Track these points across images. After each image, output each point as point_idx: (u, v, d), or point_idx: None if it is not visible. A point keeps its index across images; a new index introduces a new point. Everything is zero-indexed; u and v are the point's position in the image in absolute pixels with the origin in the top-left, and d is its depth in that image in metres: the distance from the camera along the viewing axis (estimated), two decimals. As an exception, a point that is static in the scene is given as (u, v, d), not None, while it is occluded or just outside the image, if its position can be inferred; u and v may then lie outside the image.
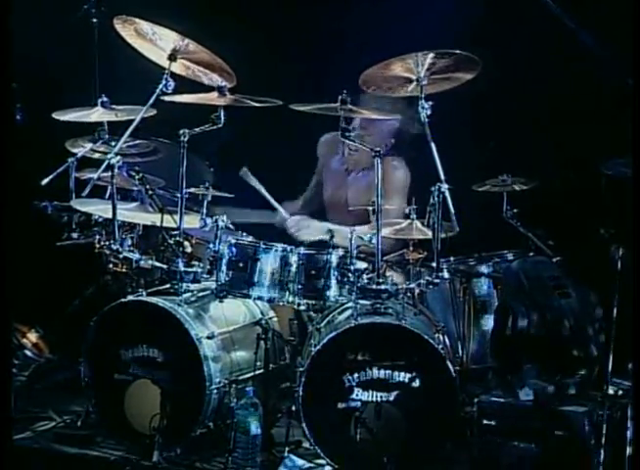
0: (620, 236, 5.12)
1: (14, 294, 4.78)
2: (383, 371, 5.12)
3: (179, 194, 5.38)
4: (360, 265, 5.32)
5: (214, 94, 5.42)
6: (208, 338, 5.28)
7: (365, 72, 5.30)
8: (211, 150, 6.40)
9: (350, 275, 5.27)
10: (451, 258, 5.84)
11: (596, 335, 5.26)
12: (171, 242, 5.40)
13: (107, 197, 5.60)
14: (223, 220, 5.40)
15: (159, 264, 5.48)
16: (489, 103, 6.35)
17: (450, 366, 5.12)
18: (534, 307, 5.26)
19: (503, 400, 5.18)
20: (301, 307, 5.43)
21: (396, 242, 5.73)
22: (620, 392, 5.02)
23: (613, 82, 5.79)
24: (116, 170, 5.28)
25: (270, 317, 5.68)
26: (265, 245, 5.39)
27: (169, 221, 5.42)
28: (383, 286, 5.23)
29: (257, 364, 5.41)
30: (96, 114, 5.67)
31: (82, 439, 5.47)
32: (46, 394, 6.13)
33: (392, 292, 5.26)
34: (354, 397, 5.12)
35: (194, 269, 5.42)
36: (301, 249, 5.38)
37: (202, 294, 5.54)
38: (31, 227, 6.13)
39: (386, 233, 5.39)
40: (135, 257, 5.43)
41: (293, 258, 5.34)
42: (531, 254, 5.82)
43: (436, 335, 5.39)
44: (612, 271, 5.12)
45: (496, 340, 5.45)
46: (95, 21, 6.40)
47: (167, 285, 5.48)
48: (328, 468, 5.16)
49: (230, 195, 5.76)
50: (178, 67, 5.47)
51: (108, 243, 5.43)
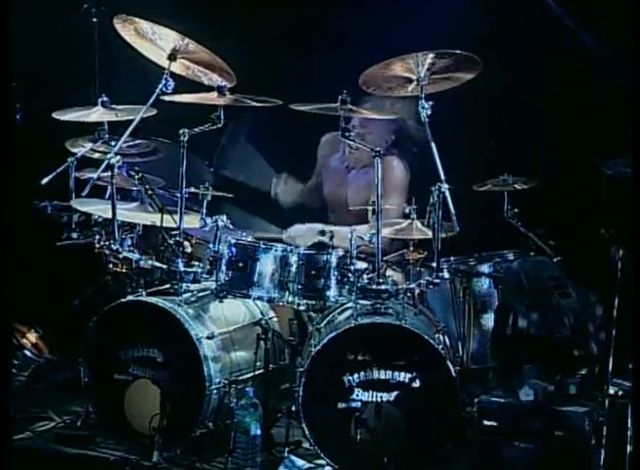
0: (621, 236, 5.11)
1: (13, 294, 4.77)
2: (383, 371, 5.11)
3: (179, 194, 5.37)
4: (360, 265, 5.32)
5: (214, 94, 5.42)
6: (208, 338, 5.27)
7: (365, 72, 5.30)
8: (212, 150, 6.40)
9: (350, 275, 5.26)
10: (451, 257, 5.84)
11: (596, 335, 5.26)
12: (171, 242, 5.39)
13: (106, 197, 5.59)
14: (223, 220, 5.40)
15: (158, 264, 5.47)
16: (490, 102, 6.34)
17: (450, 366, 5.11)
18: (535, 307, 5.26)
19: (503, 401, 5.18)
20: (301, 308, 5.42)
21: (394, 241, 5.71)
22: (621, 392, 5.01)
23: (613, 82, 5.79)
24: (116, 170, 5.28)
25: (270, 317, 5.67)
26: (265, 245, 5.38)
27: (169, 221, 5.41)
28: (383, 286, 5.23)
29: (257, 364, 5.40)
30: (96, 113, 5.67)
31: (82, 439, 5.46)
32: (46, 394, 6.12)
33: (393, 292, 5.25)
34: (354, 397, 5.11)
35: (194, 269, 5.41)
36: (301, 249, 5.37)
37: (201, 294, 5.53)
38: (31, 227, 6.12)
39: (386, 233, 5.39)
40: (135, 257, 5.42)
41: (293, 258, 5.34)
42: (532, 254, 5.82)
43: (437, 335, 5.38)
44: (612, 271, 5.11)
45: (497, 340, 5.45)
46: (95, 20, 6.40)
47: (167, 285, 5.47)
48: (328, 468, 5.15)
49: (230, 195, 5.76)
50: (178, 66, 5.47)
51: (107, 243, 5.42)
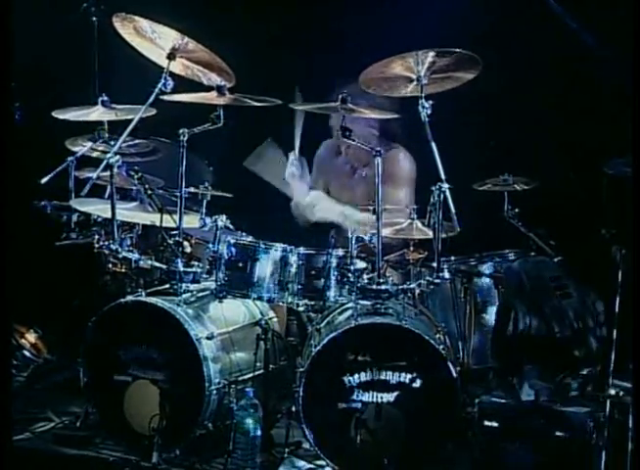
0: (622, 236, 5.10)
1: (13, 294, 4.76)
2: (383, 372, 5.09)
3: (178, 193, 5.36)
4: (360, 265, 5.31)
5: (214, 93, 5.41)
6: (208, 338, 5.26)
7: (365, 72, 5.28)
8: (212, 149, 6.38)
9: (350, 275, 5.25)
10: (452, 257, 5.83)
11: (597, 335, 5.25)
12: (171, 242, 5.37)
13: (106, 196, 5.58)
14: (222, 220, 5.38)
15: (158, 264, 5.46)
16: (490, 102, 6.33)
17: (451, 367, 5.09)
18: (535, 308, 5.24)
19: (504, 401, 5.17)
20: (301, 308, 5.41)
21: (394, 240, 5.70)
22: (622, 393, 5.00)
23: (613, 82, 5.78)
24: (116, 170, 5.26)
25: (270, 318, 5.65)
26: (265, 245, 5.37)
27: (169, 221, 5.40)
28: (383, 286, 5.21)
29: (257, 365, 5.38)
30: (96, 112, 5.64)
31: (81, 440, 5.44)
32: (45, 394, 6.10)
33: (393, 292, 5.23)
34: (355, 397, 5.10)
35: (193, 269, 5.39)
36: (301, 249, 5.36)
37: (201, 294, 5.52)
38: (30, 227, 6.11)
39: (386, 233, 5.37)
40: (134, 257, 5.40)
41: (292, 258, 5.32)
42: (533, 254, 5.81)
43: (437, 335, 5.36)
44: (613, 271, 5.10)
45: (497, 340, 5.44)
46: (94, 19, 6.39)
47: (167, 285, 5.45)
48: (328, 469, 5.15)
49: (229, 195, 5.74)
50: (177, 66, 5.45)
51: (107, 243, 5.39)
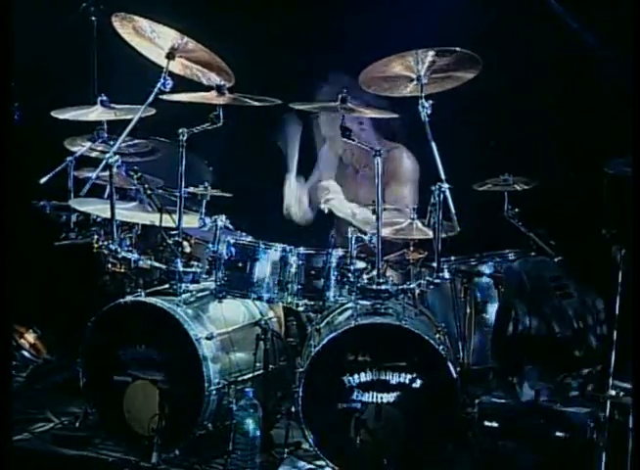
0: (622, 236, 5.09)
1: (12, 294, 4.75)
2: (383, 372, 5.09)
3: (178, 193, 5.35)
4: (360, 265, 5.30)
5: (213, 93, 5.40)
6: (207, 338, 5.25)
7: (365, 71, 5.27)
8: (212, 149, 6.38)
9: (350, 275, 5.24)
10: (452, 257, 5.82)
11: (598, 335, 5.24)
12: (170, 242, 5.36)
13: (105, 196, 5.57)
14: (222, 220, 5.38)
15: (157, 264, 5.45)
16: (490, 102, 6.32)
17: (451, 367, 5.08)
18: (536, 308, 5.23)
19: (504, 401, 5.17)
20: (301, 308, 5.40)
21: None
22: (622, 393, 4.99)
23: (613, 82, 5.77)
24: (115, 170, 5.25)
25: (269, 318, 5.64)
26: (265, 245, 5.36)
27: (168, 221, 5.39)
28: (383, 286, 5.20)
29: (257, 365, 5.37)
30: (95, 112, 5.64)
31: (80, 440, 5.44)
32: (44, 395, 6.09)
33: (393, 292, 5.23)
34: (354, 398, 5.09)
35: (193, 269, 5.39)
36: (301, 249, 5.35)
37: (201, 294, 5.51)
38: (30, 227, 6.10)
39: (386, 233, 5.36)
40: (134, 257, 5.39)
41: (292, 258, 5.31)
42: (533, 254, 5.80)
43: (437, 335, 5.35)
44: (613, 272, 5.09)
45: (497, 340, 5.43)
46: (94, 19, 6.38)
47: (166, 285, 5.44)
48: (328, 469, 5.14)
49: (229, 195, 5.73)
50: (177, 65, 5.44)
51: (106, 243, 5.38)
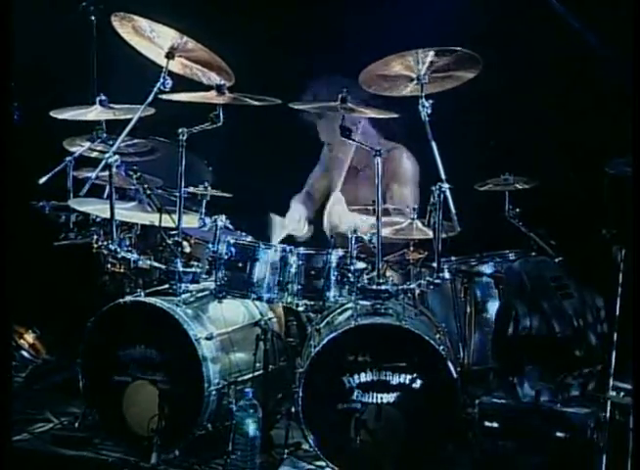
0: (623, 236, 5.08)
1: (11, 294, 4.75)
2: (383, 372, 5.08)
3: (178, 193, 5.34)
4: (360, 266, 5.29)
5: (213, 93, 5.39)
6: (207, 339, 5.24)
7: (364, 71, 5.26)
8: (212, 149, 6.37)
9: (350, 275, 5.23)
10: (452, 258, 5.81)
11: (598, 336, 5.23)
12: (170, 242, 5.36)
13: (105, 196, 5.57)
14: (222, 220, 5.37)
15: (157, 265, 5.44)
16: (490, 102, 6.32)
17: (451, 367, 5.07)
18: (536, 308, 5.22)
19: (504, 402, 5.16)
20: (301, 308, 5.39)
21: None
22: (623, 393, 4.98)
23: (613, 81, 5.77)
24: (114, 170, 5.25)
25: (269, 318, 5.63)
26: (264, 245, 5.35)
27: (168, 221, 5.39)
28: (383, 286, 5.20)
29: (257, 365, 5.36)
30: (94, 112, 5.63)
31: (80, 440, 5.43)
32: (43, 395, 6.09)
33: (393, 292, 5.22)
34: (354, 398, 5.08)
35: (192, 270, 5.38)
36: (301, 249, 5.34)
37: (200, 294, 5.50)
38: (29, 227, 6.09)
39: (386, 233, 5.35)
40: (133, 257, 5.38)
41: (292, 258, 5.30)
42: (533, 254, 5.79)
43: (437, 336, 5.35)
44: (614, 272, 5.08)
45: (498, 341, 5.41)
46: (93, 18, 6.38)
47: (166, 285, 5.44)
48: (328, 470, 5.14)
49: (229, 195, 5.73)
50: (176, 65, 5.44)
51: (106, 243, 5.38)
